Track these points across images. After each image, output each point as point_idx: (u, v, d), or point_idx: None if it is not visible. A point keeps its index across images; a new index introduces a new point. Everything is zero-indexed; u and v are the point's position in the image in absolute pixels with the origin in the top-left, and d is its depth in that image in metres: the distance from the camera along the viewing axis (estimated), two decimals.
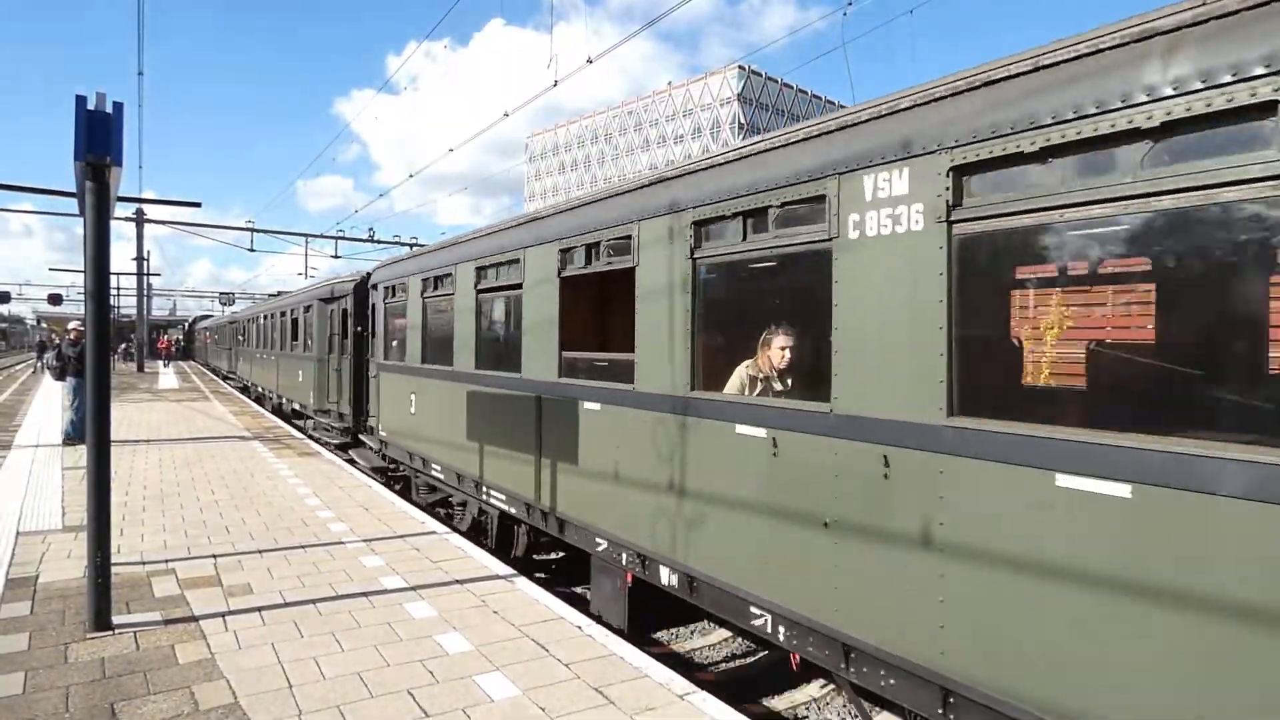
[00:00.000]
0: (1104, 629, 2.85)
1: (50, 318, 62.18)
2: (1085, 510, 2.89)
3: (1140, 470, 2.74)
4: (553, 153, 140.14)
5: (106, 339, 5.09)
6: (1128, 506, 2.77)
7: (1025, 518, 3.09)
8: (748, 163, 4.65)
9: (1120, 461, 2.79)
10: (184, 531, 7.49)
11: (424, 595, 5.78)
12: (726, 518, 4.71)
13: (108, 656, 4.55)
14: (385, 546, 7.12)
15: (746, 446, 4.51)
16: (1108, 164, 2.93)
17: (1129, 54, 2.87)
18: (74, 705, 3.94)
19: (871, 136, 3.84)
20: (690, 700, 4.17)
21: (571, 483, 6.46)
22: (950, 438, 3.37)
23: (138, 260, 36.75)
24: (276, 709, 3.95)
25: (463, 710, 4.00)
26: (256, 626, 5.09)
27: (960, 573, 3.35)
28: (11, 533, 7.29)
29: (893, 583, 3.66)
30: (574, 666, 4.58)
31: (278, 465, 11.55)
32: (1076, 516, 2.92)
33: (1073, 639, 2.94)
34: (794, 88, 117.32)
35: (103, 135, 4.75)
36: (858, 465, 3.82)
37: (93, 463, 4.93)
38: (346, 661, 4.56)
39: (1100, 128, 2.90)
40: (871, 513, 3.75)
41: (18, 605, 5.36)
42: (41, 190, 10.32)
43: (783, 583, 4.29)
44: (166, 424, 16.56)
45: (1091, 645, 2.89)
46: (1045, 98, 3.09)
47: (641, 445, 5.45)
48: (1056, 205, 3.04)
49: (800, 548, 4.15)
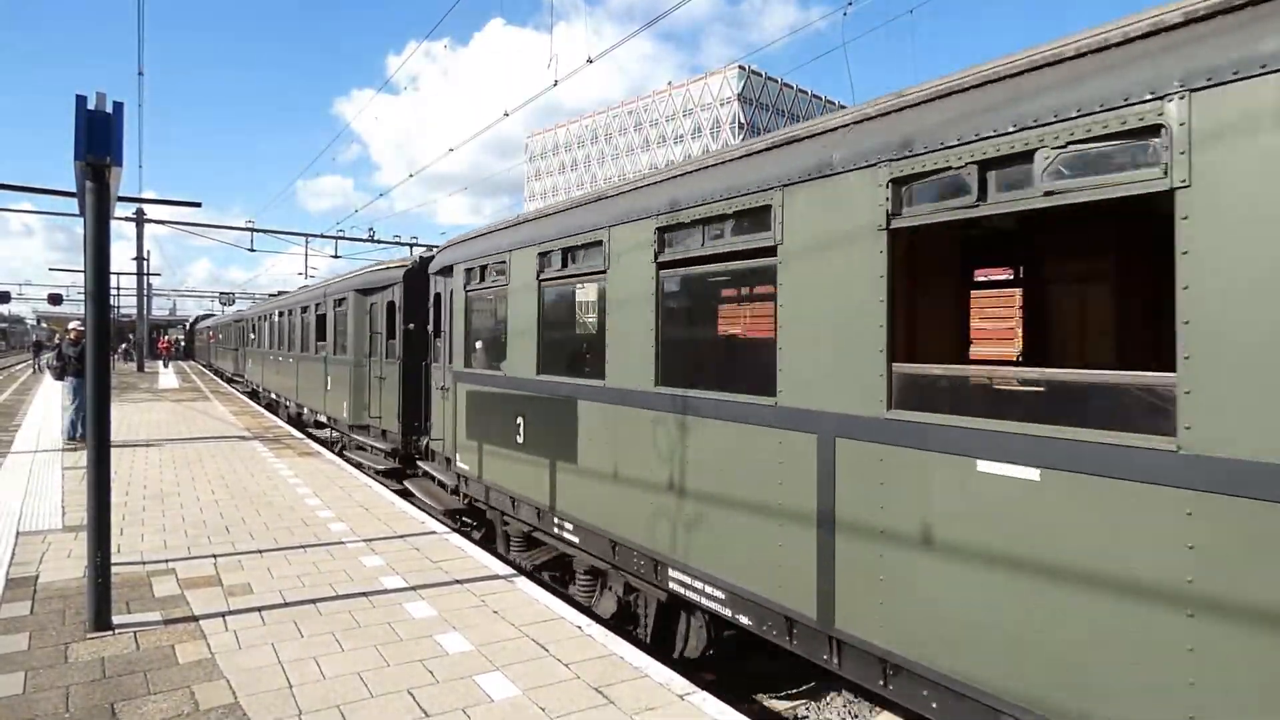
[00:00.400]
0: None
1: (50, 318, 62.27)
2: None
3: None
4: (552, 153, 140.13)
5: (106, 339, 5.09)
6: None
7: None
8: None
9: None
10: (184, 531, 7.49)
11: (424, 595, 5.78)
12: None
13: (108, 656, 4.55)
14: (385, 546, 7.13)
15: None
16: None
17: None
18: (74, 705, 3.94)
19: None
20: (690, 700, 4.17)
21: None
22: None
23: (138, 260, 36.77)
24: (276, 709, 3.95)
25: (463, 710, 4.00)
26: (256, 626, 5.09)
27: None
28: (11, 532, 7.29)
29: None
30: (574, 666, 4.58)
31: (278, 465, 11.55)
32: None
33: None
34: (794, 88, 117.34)
35: (103, 135, 4.75)
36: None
37: (93, 463, 4.93)
38: (346, 661, 4.56)
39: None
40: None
41: (18, 605, 5.36)
42: (41, 190, 10.33)
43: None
44: (167, 424, 16.56)
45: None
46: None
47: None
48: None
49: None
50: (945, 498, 3.50)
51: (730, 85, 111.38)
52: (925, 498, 3.58)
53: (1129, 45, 2.97)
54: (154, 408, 20.20)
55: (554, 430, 6.77)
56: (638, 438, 5.59)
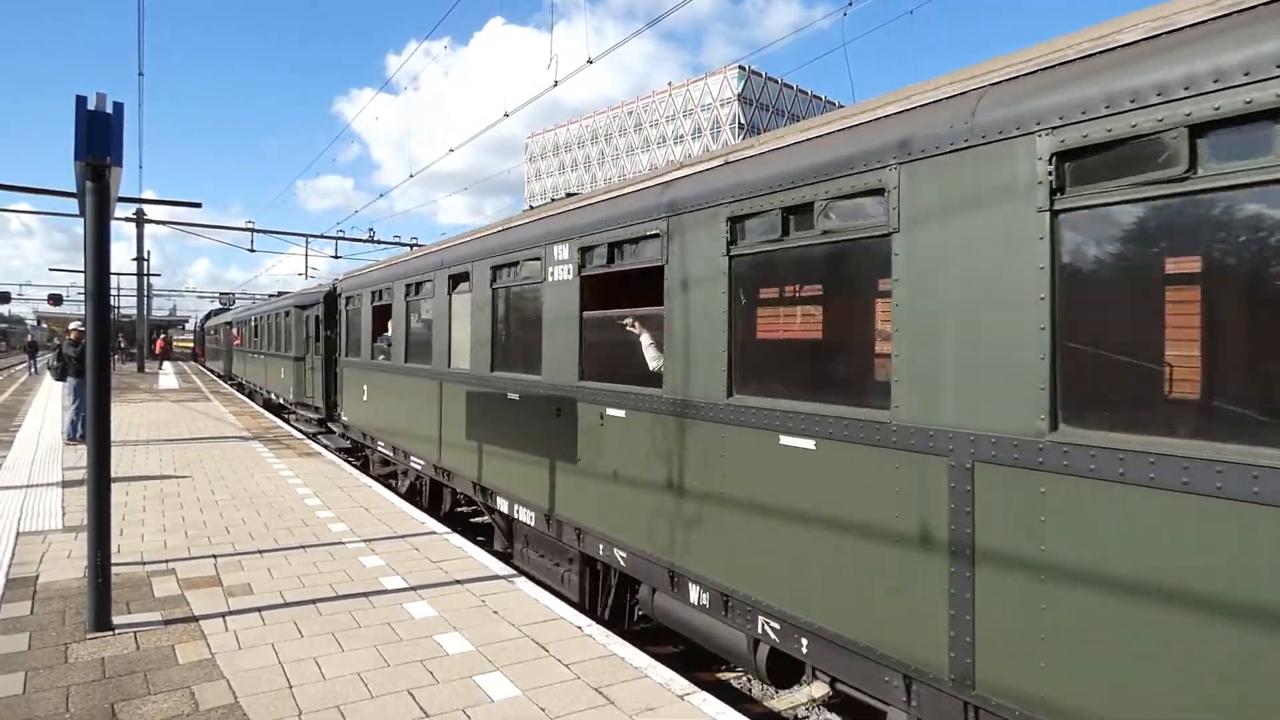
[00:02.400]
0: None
1: (50, 318, 62.20)
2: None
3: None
4: (553, 153, 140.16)
5: (106, 339, 5.09)
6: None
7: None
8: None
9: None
10: (184, 532, 7.49)
11: (424, 595, 5.78)
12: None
13: (108, 657, 4.55)
14: (385, 546, 7.13)
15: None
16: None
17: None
18: (74, 705, 3.94)
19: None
20: (690, 700, 4.17)
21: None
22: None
23: (138, 260, 36.72)
24: (276, 709, 3.95)
25: (463, 710, 4.00)
26: (256, 627, 5.09)
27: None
28: (12, 533, 7.29)
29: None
30: (574, 666, 4.58)
31: (278, 465, 11.55)
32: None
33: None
34: (794, 88, 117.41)
35: (103, 136, 4.75)
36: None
37: (93, 463, 4.93)
38: (346, 662, 4.56)
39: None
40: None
41: (18, 605, 5.36)
42: (41, 190, 10.33)
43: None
44: (167, 424, 16.56)
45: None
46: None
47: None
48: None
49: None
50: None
51: (730, 86, 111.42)
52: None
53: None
54: (154, 408, 20.19)
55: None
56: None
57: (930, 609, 3.45)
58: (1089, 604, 2.90)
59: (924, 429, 3.50)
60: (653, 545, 5.29)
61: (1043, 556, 3.03)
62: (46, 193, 10.02)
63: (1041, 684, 3.04)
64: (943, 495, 3.41)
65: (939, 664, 3.41)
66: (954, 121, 3.43)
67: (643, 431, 5.41)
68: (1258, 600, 2.47)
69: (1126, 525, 2.80)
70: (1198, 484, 2.60)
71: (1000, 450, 3.18)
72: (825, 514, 4.00)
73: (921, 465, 3.51)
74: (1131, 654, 2.78)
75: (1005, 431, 3.16)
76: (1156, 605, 2.72)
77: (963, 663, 3.31)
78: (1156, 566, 2.72)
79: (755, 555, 4.44)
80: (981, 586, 3.25)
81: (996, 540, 3.21)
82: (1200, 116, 2.63)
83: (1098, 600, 2.87)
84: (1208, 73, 2.62)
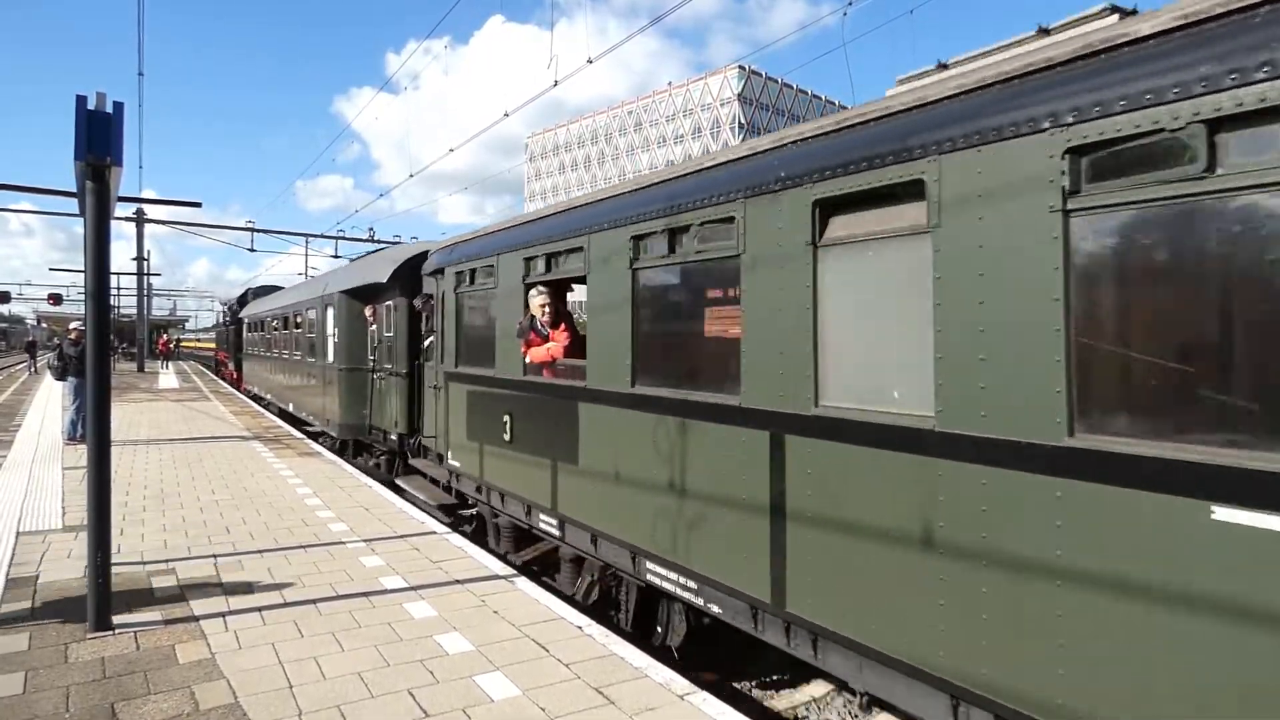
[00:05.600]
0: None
1: (50, 317, 62.23)
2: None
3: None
4: (553, 153, 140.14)
5: (106, 339, 5.09)
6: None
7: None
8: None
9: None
10: (184, 531, 7.49)
11: (424, 595, 5.78)
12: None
13: (108, 656, 4.55)
14: (385, 546, 7.12)
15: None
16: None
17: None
18: (74, 705, 3.94)
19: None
20: (690, 700, 4.17)
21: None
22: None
23: (138, 260, 36.74)
24: (276, 709, 3.95)
25: (463, 710, 4.00)
26: (257, 626, 5.09)
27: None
28: (12, 533, 7.29)
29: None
30: (574, 666, 4.58)
31: (278, 465, 11.55)
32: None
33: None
34: (794, 88, 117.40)
35: (103, 135, 4.75)
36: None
37: (93, 463, 4.93)
38: (346, 661, 4.56)
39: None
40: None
41: (18, 605, 5.36)
42: (41, 190, 10.35)
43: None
44: (167, 424, 16.56)
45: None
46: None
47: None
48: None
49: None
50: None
51: (730, 85, 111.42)
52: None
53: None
54: (154, 408, 20.19)
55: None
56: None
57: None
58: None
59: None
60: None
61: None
62: (47, 192, 10.05)
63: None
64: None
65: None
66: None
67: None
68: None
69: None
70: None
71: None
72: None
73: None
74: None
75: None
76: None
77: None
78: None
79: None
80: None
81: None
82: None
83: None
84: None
